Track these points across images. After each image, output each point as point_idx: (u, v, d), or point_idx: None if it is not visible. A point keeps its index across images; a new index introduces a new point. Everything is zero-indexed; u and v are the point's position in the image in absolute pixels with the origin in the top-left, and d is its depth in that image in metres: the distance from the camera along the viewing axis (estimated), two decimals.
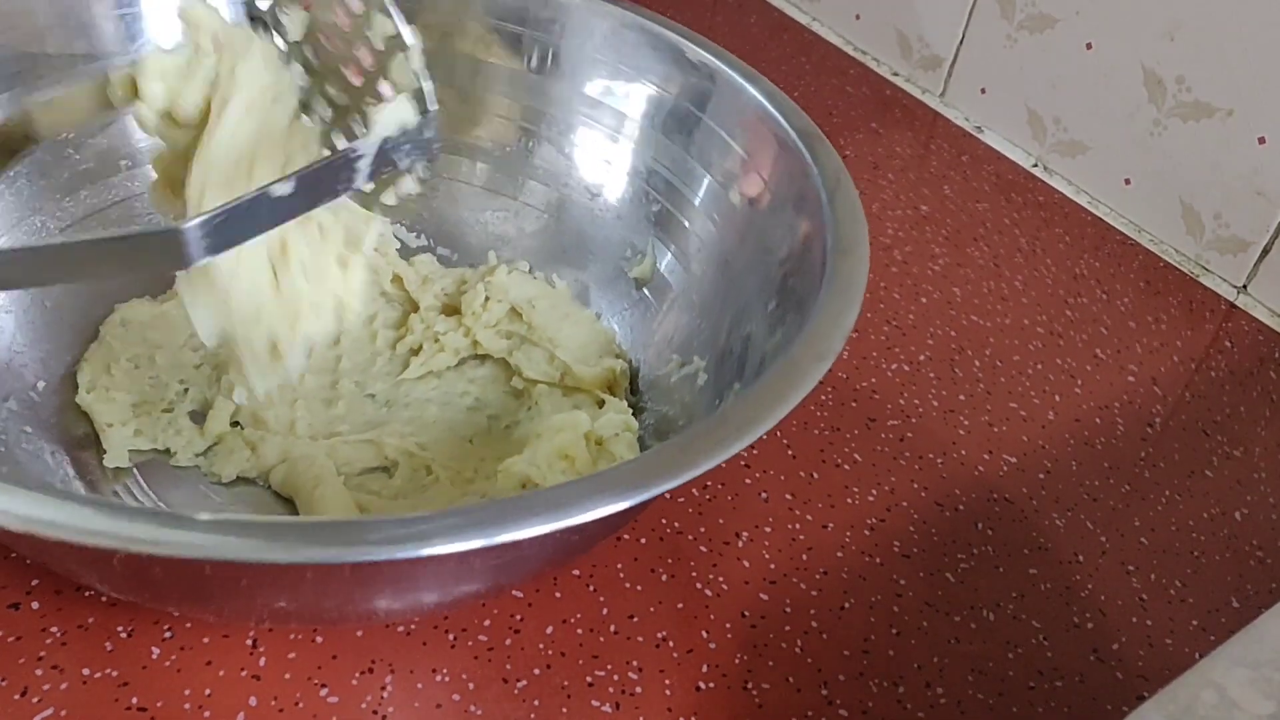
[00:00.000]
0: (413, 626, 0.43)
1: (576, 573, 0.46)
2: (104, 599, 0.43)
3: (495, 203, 0.59)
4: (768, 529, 0.50)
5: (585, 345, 0.53)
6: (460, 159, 0.59)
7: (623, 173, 0.56)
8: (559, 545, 0.39)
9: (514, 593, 0.45)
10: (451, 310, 0.55)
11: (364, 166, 0.39)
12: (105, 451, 0.47)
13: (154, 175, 0.43)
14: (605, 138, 0.56)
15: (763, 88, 0.51)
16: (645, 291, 0.55)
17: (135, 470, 0.47)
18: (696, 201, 0.53)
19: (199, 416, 0.50)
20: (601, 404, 0.51)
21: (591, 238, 0.57)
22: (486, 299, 0.54)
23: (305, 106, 0.43)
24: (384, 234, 0.56)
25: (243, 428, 0.49)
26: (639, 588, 0.47)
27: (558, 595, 0.46)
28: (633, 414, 0.50)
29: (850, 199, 0.45)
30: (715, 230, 0.52)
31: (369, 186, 0.41)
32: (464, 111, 0.58)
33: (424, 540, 0.30)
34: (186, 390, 0.50)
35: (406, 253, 0.57)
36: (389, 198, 0.42)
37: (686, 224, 0.53)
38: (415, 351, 0.53)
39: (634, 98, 0.55)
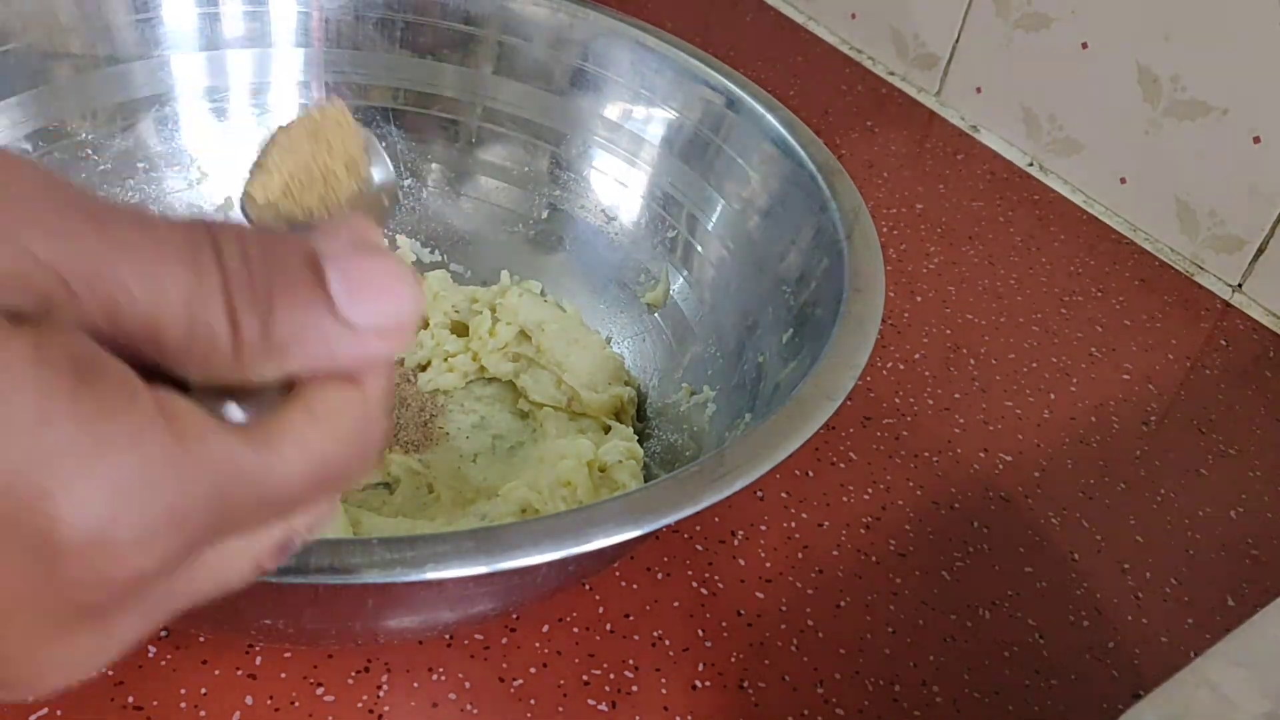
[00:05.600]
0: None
1: (571, 569, 0.47)
2: None
3: (510, 222, 0.59)
4: (763, 528, 0.50)
5: (594, 371, 0.53)
6: (478, 177, 0.59)
7: (639, 197, 0.56)
8: (528, 577, 0.39)
9: None
10: (460, 328, 0.55)
11: None
12: None
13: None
14: (623, 161, 0.56)
15: (783, 117, 0.51)
16: (657, 317, 0.55)
17: None
18: (712, 229, 0.53)
19: None
20: (608, 429, 0.51)
21: (605, 261, 0.57)
22: (495, 322, 0.53)
23: None
24: (402, 246, 0.56)
25: None
26: (635, 586, 0.47)
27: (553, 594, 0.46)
28: (639, 440, 0.50)
29: (868, 236, 0.45)
30: (731, 259, 0.52)
31: None
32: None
33: (414, 566, 0.30)
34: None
35: (420, 267, 0.57)
36: None
37: (702, 252, 0.53)
38: (422, 367, 0.53)
39: (654, 122, 0.55)
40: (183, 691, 0.40)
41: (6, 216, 0.17)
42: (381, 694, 0.41)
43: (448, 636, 0.43)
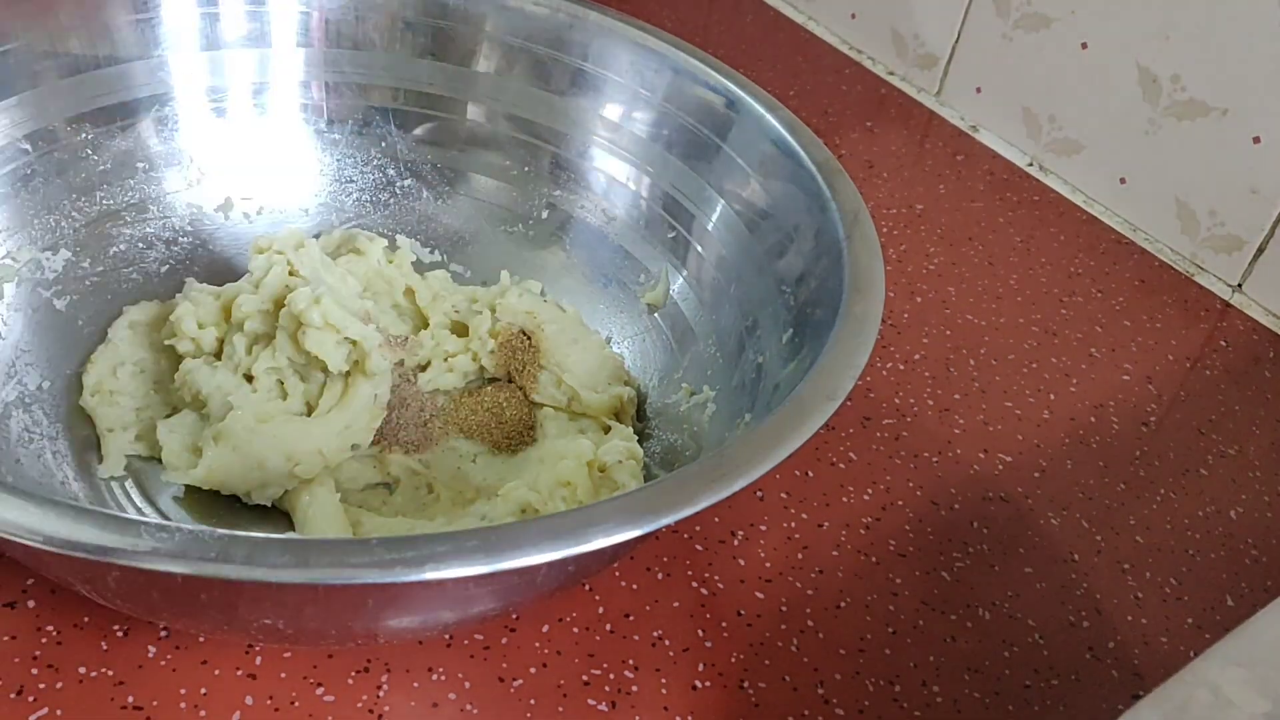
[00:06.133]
0: None
1: (571, 569, 0.46)
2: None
3: (510, 222, 0.59)
4: (763, 528, 0.50)
5: (594, 371, 0.53)
6: (478, 177, 0.59)
7: (639, 197, 0.56)
8: (523, 578, 0.39)
9: None
10: (460, 328, 0.55)
11: None
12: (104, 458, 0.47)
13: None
14: (623, 161, 0.56)
15: (783, 118, 0.51)
16: (657, 317, 0.55)
17: (130, 475, 0.47)
18: (712, 229, 0.53)
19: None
20: (608, 429, 0.51)
21: (605, 261, 0.57)
22: (495, 323, 0.54)
23: None
24: (402, 246, 0.56)
25: None
26: (635, 586, 0.47)
27: (553, 594, 0.46)
28: (639, 440, 0.50)
29: (868, 236, 0.45)
30: (731, 260, 0.52)
31: None
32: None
33: (414, 566, 0.30)
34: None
35: (420, 268, 0.57)
36: None
37: (701, 252, 0.53)
38: (423, 367, 0.53)
39: (654, 123, 0.55)
40: (183, 691, 0.40)
41: None
42: (381, 694, 0.41)
43: (447, 636, 0.43)
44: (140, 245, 0.54)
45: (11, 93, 0.50)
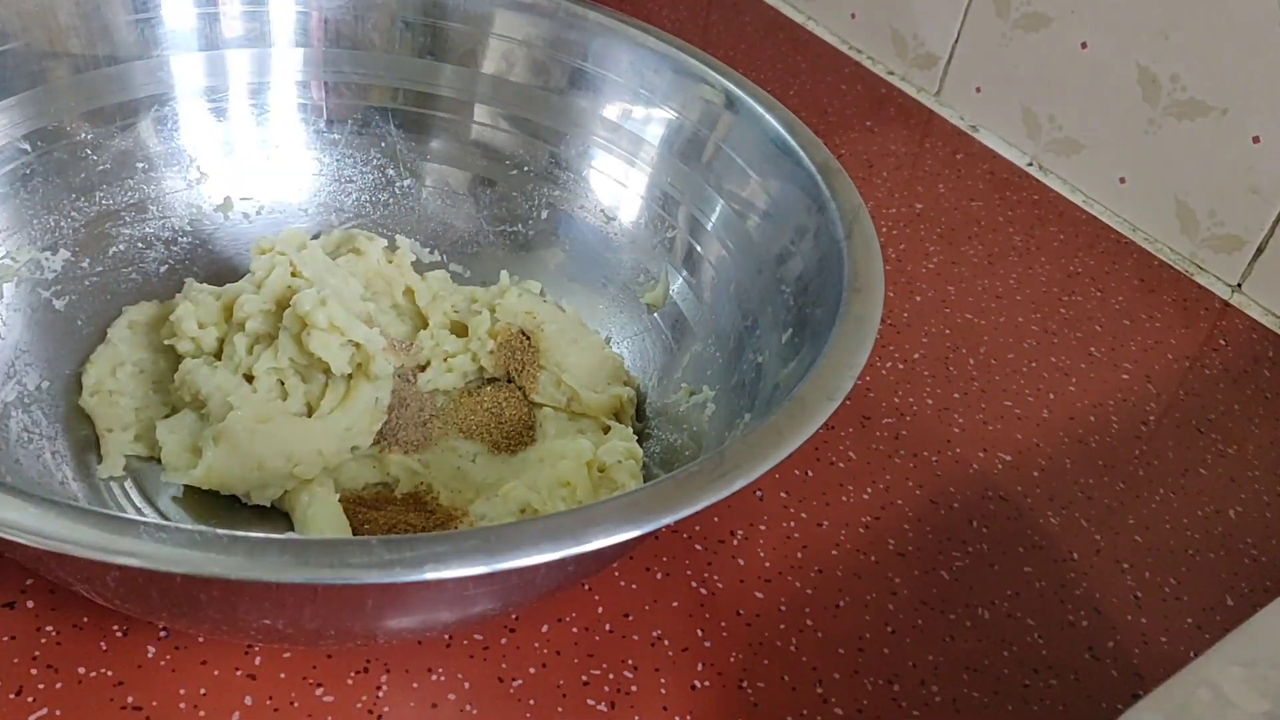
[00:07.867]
0: None
1: (571, 569, 0.46)
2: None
3: (510, 222, 0.59)
4: (763, 527, 0.50)
5: (593, 371, 0.53)
6: (478, 176, 0.59)
7: (638, 197, 0.56)
8: (523, 578, 0.39)
9: None
10: (460, 329, 0.55)
11: None
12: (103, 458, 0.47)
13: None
14: (623, 161, 0.56)
15: (782, 118, 0.51)
16: (657, 317, 0.55)
17: (129, 475, 0.47)
18: (711, 229, 0.53)
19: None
20: (607, 429, 0.51)
21: (605, 261, 0.57)
22: (494, 323, 0.54)
23: None
24: (402, 246, 0.56)
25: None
26: (634, 586, 0.47)
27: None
28: (639, 440, 0.50)
29: (867, 236, 0.45)
30: (730, 259, 0.52)
31: None
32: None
33: (413, 566, 0.30)
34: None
35: (420, 268, 0.57)
36: None
37: (701, 251, 0.53)
38: (422, 368, 0.53)
39: (653, 122, 0.55)
40: (182, 691, 0.40)
41: None
42: (380, 694, 0.41)
43: (447, 637, 0.43)
44: (140, 245, 0.54)
45: (11, 93, 0.50)
